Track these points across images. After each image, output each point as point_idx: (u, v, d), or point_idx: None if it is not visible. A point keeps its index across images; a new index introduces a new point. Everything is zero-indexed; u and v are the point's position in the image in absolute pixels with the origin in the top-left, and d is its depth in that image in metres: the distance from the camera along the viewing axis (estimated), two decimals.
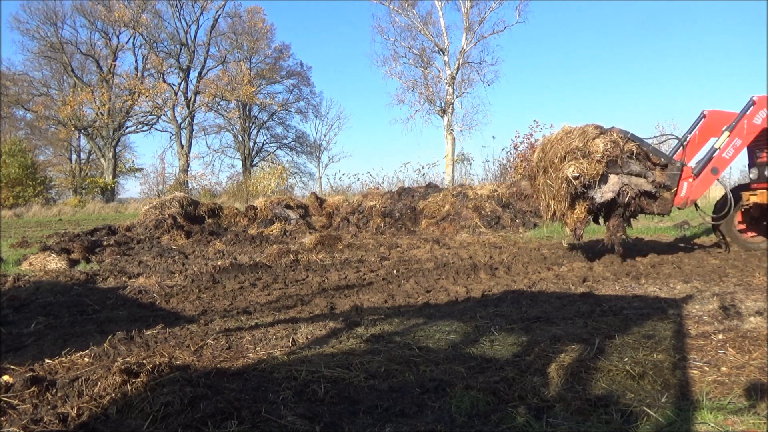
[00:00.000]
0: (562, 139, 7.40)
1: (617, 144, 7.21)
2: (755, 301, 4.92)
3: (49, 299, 5.89)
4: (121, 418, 2.56)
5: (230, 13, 43.76)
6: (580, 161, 7.07)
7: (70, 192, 41.24)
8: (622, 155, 7.22)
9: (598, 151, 7.08)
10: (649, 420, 2.51)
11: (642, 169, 7.35)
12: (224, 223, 14.97)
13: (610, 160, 7.14)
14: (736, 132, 7.48)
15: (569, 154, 7.15)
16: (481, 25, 32.82)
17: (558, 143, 7.39)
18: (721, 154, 7.50)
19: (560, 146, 7.30)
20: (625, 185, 7.23)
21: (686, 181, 7.39)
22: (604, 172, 7.13)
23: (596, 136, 7.22)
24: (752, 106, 7.50)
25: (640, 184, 7.33)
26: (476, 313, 4.79)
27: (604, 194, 7.19)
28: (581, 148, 7.13)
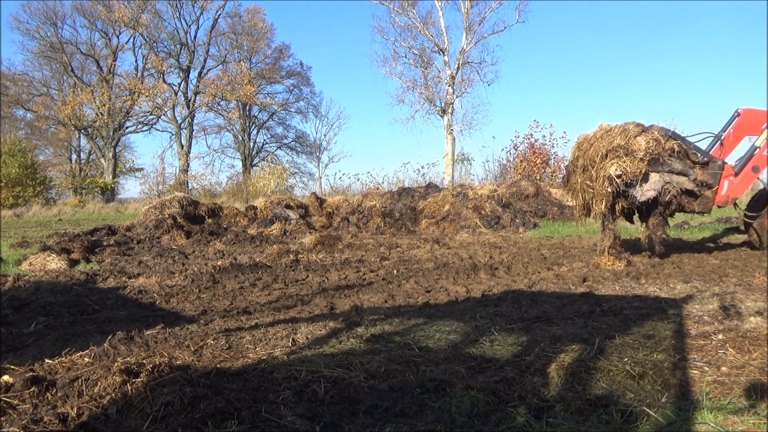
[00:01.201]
0: (603, 137, 7.36)
1: (659, 142, 7.18)
2: (755, 301, 4.92)
3: (49, 299, 5.89)
4: (121, 418, 2.56)
5: (230, 13, 43.79)
6: (622, 159, 7.03)
7: (70, 192, 41.23)
8: (664, 153, 7.19)
9: (641, 149, 7.06)
10: (649, 420, 2.51)
11: (684, 168, 7.31)
12: (224, 223, 14.97)
13: (652, 158, 7.11)
14: None
15: (611, 153, 7.12)
16: (481, 25, 32.84)
17: (598, 141, 7.34)
18: (762, 152, 7.51)
19: (601, 144, 7.25)
20: (667, 183, 7.22)
21: (727, 179, 7.38)
22: (646, 171, 7.11)
23: (638, 134, 7.19)
24: None
25: (682, 182, 7.31)
26: (476, 313, 4.79)
27: (646, 192, 7.18)
28: (623, 146, 7.09)
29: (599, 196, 7.22)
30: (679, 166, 7.28)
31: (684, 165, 7.33)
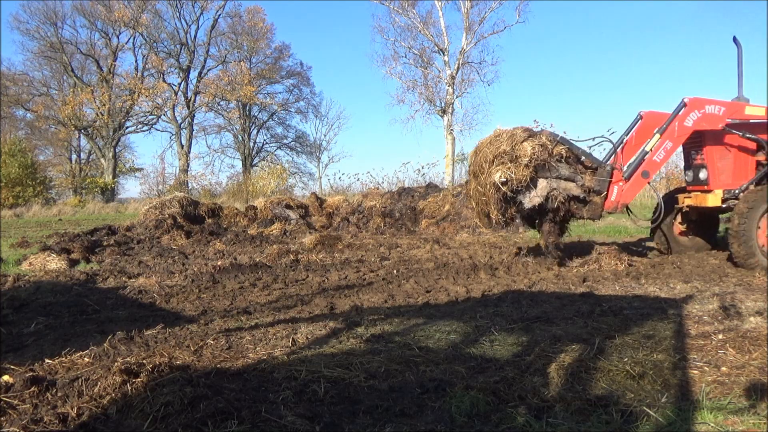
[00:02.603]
0: (491, 142, 7.15)
1: (546, 147, 6.97)
2: (755, 301, 4.92)
3: (49, 299, 5.88)
4: (121, 418, 2.56)
5: (230, 13, 43.79)
6: (507, 165, 6.83)
7: (70, 192, 41.23)
8: (551, 159, 7.00)
9: (526, 154, 6.83)
10: (649, 420, 2.51)
11: (571, 173, 7.13)
12: (224, 223, 14.97)
13: (539, 164, 6.91)
14: (667, 134, 7.20)
15: (497, 159, 6.91)
16: (481, 25, 32.83)
17: (487, 147, 7.15)
18: (652, 156, 7.22)
19: (489, 150, 7.05)
20: (553, 190, 7.03)
21: (617, 184, 7.14)
22: (533, 177, 6.91)
23: (524, 140, 6.95)
24: (684, 107, 7.25)
25: (569, 188, 7.13)
26: (476, 313, 4.79)
27: (533, 199, 7.00)
28: (509, 152, 6.87)
29: (490, 204, 7.03)
30: (566, 172, 7.10)
31: (573, 171, 7.15)
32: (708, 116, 7.27)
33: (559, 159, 7.08)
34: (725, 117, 7.36)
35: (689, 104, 7.21)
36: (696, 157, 7.89)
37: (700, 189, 7.81)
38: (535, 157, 6.85)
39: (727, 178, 7.69)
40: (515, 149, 6.88)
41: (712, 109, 7.28)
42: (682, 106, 7.24)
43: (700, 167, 7.81)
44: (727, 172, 7.69)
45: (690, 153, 8.03)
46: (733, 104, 7.43)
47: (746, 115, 7.47)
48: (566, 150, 7.14)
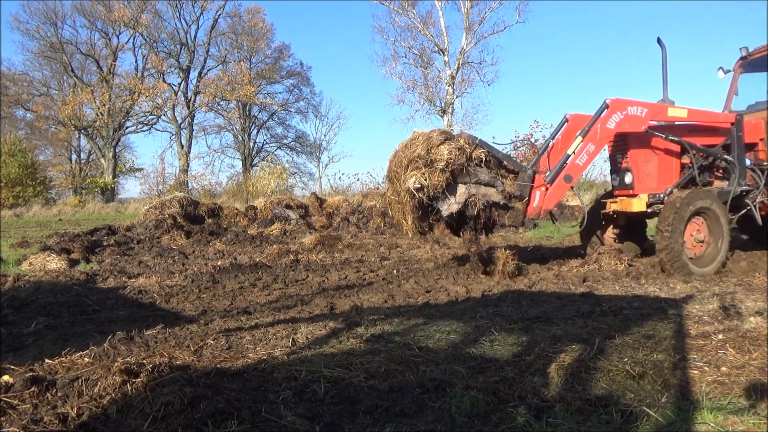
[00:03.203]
0: (407, 146, 6.62)
1: (464, 151, 6.46)
2: (755, 301, 4.91)
3: (49, 299, 5.89)
4: (121, 418, 2.56)
5: (230, 13, 43.83)
6: (422, 171, 6.28)
7: (70, 192, 41.25)
8: (470, 163, 6.51)
9: (442, 159, 6.30)
10: (649, 420, 2.51)
11: (491, 178, 6.67)
12: (224, 223, 14.97)
13: (457, 169, 6.40)
14: (590, 137, 6.84)
15: (412, 163, 6.38)
16: (481, 25, 32.90)
17: (402, 151, 6.61)
18: (575, 160, 6.86)
19: (404, 154, 6.52)
20: (472, 196, 6.56)
21: (539, 189, 6.75)
22: (451, 182, 6.41)
23: (441, 143, 6.43)
24: (606, 109, 6.91)
25: (489, 194, 6.67)
26: (476, 313, 4.79)
27: (450, 206, 6.49)
28: (424, 156, 6.33)
29: (406, 211, 6.51)
30: (486, 177, 6.64)
31: (493, 175, 6.69)
32: (631, 118, 6.98)
33: (479, 163, 6.61)
34: (648, 119, 7.10)
35: (611, 106, 6.89)
36: (621, 160, 7.65)
37: (626, 194, 7.54)
38: (452, 162, 6.34)
39: (652, 182, 7.44)
40: (431, 153, 6.37)
41: (635, 111, 7.00)
42: (604, 107, 6.91)
43: (625, 171, 7.57)
44: (652, 176, 7.46)
45: (615, 157, 7.80)
46: (656, 106, 7.19)
47: (669, 117, 7.24)
48: (486, 153, 6.68)
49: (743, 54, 8.40)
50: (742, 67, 8.55)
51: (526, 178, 6.73)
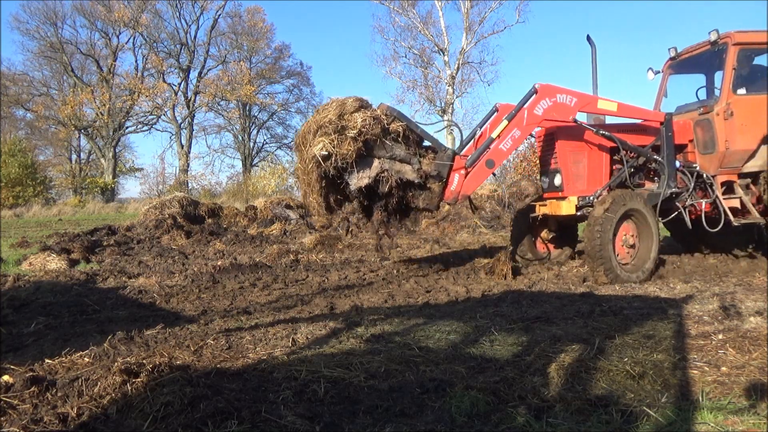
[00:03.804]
0: (319, 111, 6.14)
1: (380, 121, 5.95)
2: (755, 301, 4.91)
3: (49, 299, 5.89)
4: (121, 418, 2.56)
5: (230, 13, 43.82)
6: (331, 137, 5.74)
7: (70, 192, 41.25)
8: (387, 136, 6.00)
9: (355, 126, 5.79)
10: (649, 420, 2.51)
11: (408, 155, 6.14)
12: (224, 223, 14.97)
13: (371, 140, 5.88)
14: (516, 122, 6.46)
15: (321, 129, 5.83)
16: (481, 25, 32.92)
17: (314, 117, 6.14)
18: (498, 145, 6.44)
19: (314, 120, 6.03)
20: (384, 171, 6.03)
21: (458, 172, 6.29)
22: (363, 154, 5.89)
23: (355, 110, 5.91)
24: (534, 94, 6.54)
25: (403, 171, 6.13)
26: (476, 313, 4.79)
27: (360, 180, 5.96)
28: (335, 121, 5.80)
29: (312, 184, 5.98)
30: (402, 153, 6.10)
31: (409, 152, 6.17)
32: (559, 106, 6.58)
33: (396, 137, 6.09)
34: (577, 108, 6.74)
35: (540, 91, 6.53)
36: (550, 161, 7.30)
37: (555, 196, 7.20)
38: (366, 131, 5.81)
39: (581, 184, 7.11)
40: (343, 119, 5.85)
41: (564, 99, 6.61)
42: (533, 92, 6.55)
43: (554, 172, 7.21)
44: (582, 178, 7.13)
45: (545, 158, 7.47)
46: (586, 96, 6.87)
47: (599, 109, 6.92)
48: (405, 128, 6.17)
49: (672, 54, 8.17)
50: (671, 68, 8.34)
51: (445, 158, 6.23)
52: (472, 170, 6.40)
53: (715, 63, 7.56)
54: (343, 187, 6.03)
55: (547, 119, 6.69)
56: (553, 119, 6.72)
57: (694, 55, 7.84)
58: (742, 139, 7.05)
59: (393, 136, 6.07)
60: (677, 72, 8.39)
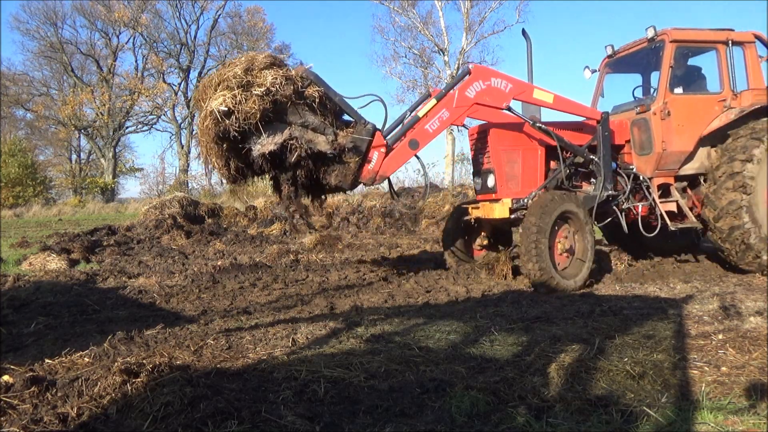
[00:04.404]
0: (226, 65, 5.45)
1: (294, 83, 5.25)
2: (755, 301, 4.92)
3: (49, 299, 5.89)
4: (121, 418, 2.56)
5: (230, 13, 43.84)
6: (234, 92, 5.00)
7: (70, 192, 41.25)
8: (299, 100, 5.29)
9: (264, 84, 5.08)
10: (649, 420, 2.51)
11: (322, 124, 5.45)
12: (224, 223, 14.97)
13: (281, 102, 5.15)
14: (445, 102, 5.99)
15: (225, 82, 5.11)
16: (481, 25, 32.92)
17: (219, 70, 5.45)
18: (425, 125, 5.93)
19: (218, 73, 5.35)
20: (293, 138, 5.30)
21: (378, 150, 5.70)
22: (270, 116, 5.15)
23: (266, 66, 5.23)
24: (467, 75, 6.14)
25: (315, 141, 5.42)
26: (476, 313, 4.79)
27: (265, 146, 5.22)
28: (241, 75, 5.08)
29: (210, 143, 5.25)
30: (315, 121, 5.40)
31: (324, 122, 5.47)
32: (493, 90, 6.16)
33: (311, 104, 5.40)
34: (511, 95, 6.28)
35: (474, 73, 6.13)
36: (483, 161, 6.85)
37: (489, 198, 6.74)
38: (276, 91, 5.10)
39: (515, 186, 6.68)
40: (251, 74, 5.16)
41: (498, 84, 6.19)
42: (467, 73, 6.18)
43: (487, 173, 6.75)
44: (516, 179, 6.71)
45: (477, 157, 7.00)
46: (522, 84, 6.48)
47: (534, 99, 6.47)
48: (323, 95, 5.46)
49: (609, 52, 7.85)
50: (608, 66, 8.05)
51: (364, 132, 5.60)
52: (394, 150, 5.89)
53: (652, 61, 7.32)
54: (245, 152, 5.26)
55: (479, 103, 6.18)
56: (486, 104, 6.23)
57: (631, 52, 7.59)
58: (679, 140, 6.86)
59: (308, 102, 5.39)
60: (615, 71, 8.13)
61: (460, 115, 6.16)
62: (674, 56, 6.84)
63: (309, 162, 5.44)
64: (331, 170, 5.61)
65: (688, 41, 7.00)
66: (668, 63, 6.78)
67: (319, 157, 5.50)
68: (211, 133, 5.10)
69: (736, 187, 6.50)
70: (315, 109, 5.44)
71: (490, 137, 6.68)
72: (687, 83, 7.17)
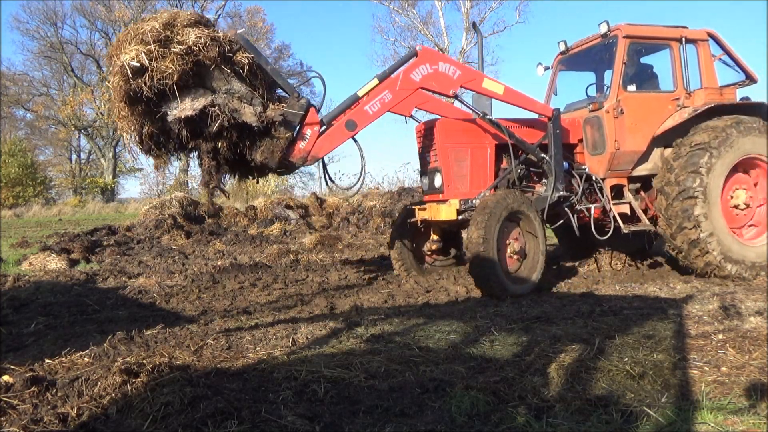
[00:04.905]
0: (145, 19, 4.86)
1: (221, 45, 4.72)
2: (755, 301, 4.91)
3: (49, 299, 5.89)
4: (121, 418, 2.56)
5: (230, 13, 43.80)
6: (150, 47, 4.44)
7: (70, 192, 41.26)
8: (225, 65, 4.77)
9: (186, 42, 4.55)
10: (649, 420, 2.51)
11: (249, 94, 4.90)
12: (224, 223, 14.96)
13: (204, 63, 4.63)
14: (388, 84, 5.62)
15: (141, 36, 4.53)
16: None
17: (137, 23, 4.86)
18: (364, 106, 5.52)
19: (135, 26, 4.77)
20: (216, 106, 4.70)
21: (311, 128, 5.26)
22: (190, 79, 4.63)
23: (190, 24, 4.72)
24: (414, 57, 5.80)
25: (240, 111, 4.80)
26: (476, 313, 4.79)
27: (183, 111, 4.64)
28: (160, 30, 4.54)
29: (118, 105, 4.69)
30: (242, 90, 4.87)
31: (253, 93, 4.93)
32: (440, 75, 5.79)
33: (239, 70, 4.87)
34: (459, 83, 5.89)
35: (421, 55, 5.77)
36: (430, 159, 6.43)
37: (436, 199, 6.33)
38: (199, 51, 4.58)
39: (464, 185, 6.28)
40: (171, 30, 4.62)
41: (446, 69, 5.83)
42: (413, 55, 5.82)
43: (434, 172, 6.33)
44: (465, 178, 6.30)
45: (424, 155, 6.58)
46: (472, 71, 6.13)
47: (483, 89, 6.08)
48: (253, 63, 4.94)
49: (562, 48, 7.53)
50: (561, 63, 7.76)
51: (297, 107, 5.11)
52: (329, 129, 5.47)
53: (605, 57, 6.99)
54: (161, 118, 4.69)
55: (425, 87, 5.81)
56: (432, 89, 5.86)
57: (584, 49, 7.30)
58: (632, 140, 6.61)
59: (236, 68, 4.87)
60: (568, 68, 7.88)
61: (404, 99, 5.74)
62: (627, 52, 6.60)
63: (233, 134, 4.85)
64: (257, 146, 5.03)
65: (642, 37, 6.76)
66: (621, 59, 6.53)
67: (246, 131, 4.92)
68: (121, 91, 4.55)
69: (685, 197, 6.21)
70: (243, 78, 4.91)
71: (437, 133, 6.29)
72: (640, 81, 6.97)
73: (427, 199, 6.54)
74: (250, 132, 4.94)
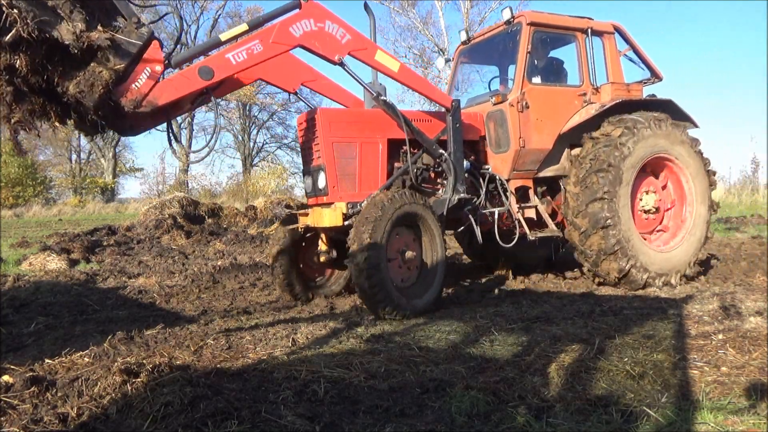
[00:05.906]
0: None
1: None
2: (755, 301, 4.91)
3: (49, 299, 5.89)
4: (121, 418, 2.56)
5: (230, 13, 43.80)
6: None
7: (70, 192, 41.25)
8: None
9: None
10: (649, 420, 2.51)
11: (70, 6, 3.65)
12: (224, 223, 14.97)
13: None
14: (261, 34, 4.70)
15: None
16: (481, 25, 32.88)
17: None
18: (226, 53, 4.56)
19: None
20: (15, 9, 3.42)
21: (152, 66, 4.24)
22: None
23: None
24: (297, 9, 4.84)
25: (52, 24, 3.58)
26: (476, 313, 4.79)
27: None
28: None
29: None
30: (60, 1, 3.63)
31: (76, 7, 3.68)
32: (325, 35, 4.88)
33: None
34: (347, 49, 5.00)
35: (305, 9, 4.82)
36: (313, 155, 5.57)
37: (320, 202, 5.52)
38: None
39: (351, 186, 5.44)
40: None
41: (334, 30, 4.93)
42: (296, 6, 4.84)
43: (318, 171, 5.47)
44: (352, 177, 5.46)
45: (307, 152, 5.70)
46: (365, 39, 5.19)
47: (376, 61, 5.15)
48: None
49: (463, 38, 6.98)
50: (463, 55, 7.24)
51: (134, 36, 3.99)
52: (176, 72, 4.54)
53: (509, 48, 6.48)
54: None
55: (305, 46, 4.85)
56: (314, 49, 4.89)
57: (487, 38, 6.76)
58: (538, 137, 6.11)
59: None
60: (470, 61, 7.39)
61: (276, 55, 4.83)
62: (532, 41, 6.12)
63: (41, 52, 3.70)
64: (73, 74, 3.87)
65: (547, 25, 6.29)
66: (525, 48, 6.05)
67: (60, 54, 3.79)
68: None
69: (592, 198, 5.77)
70: None
71: (320, 125, 5.37)
72: (546, 74, 6.53)
73: (311, 203, 5.70)
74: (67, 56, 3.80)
